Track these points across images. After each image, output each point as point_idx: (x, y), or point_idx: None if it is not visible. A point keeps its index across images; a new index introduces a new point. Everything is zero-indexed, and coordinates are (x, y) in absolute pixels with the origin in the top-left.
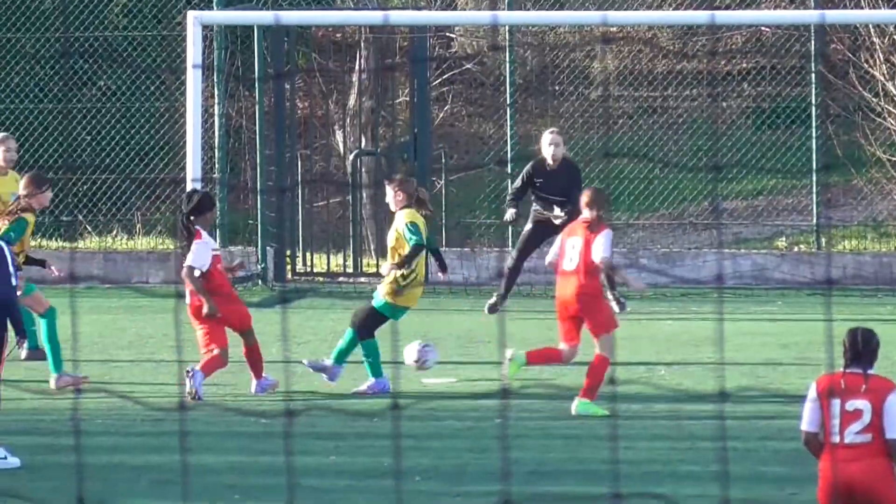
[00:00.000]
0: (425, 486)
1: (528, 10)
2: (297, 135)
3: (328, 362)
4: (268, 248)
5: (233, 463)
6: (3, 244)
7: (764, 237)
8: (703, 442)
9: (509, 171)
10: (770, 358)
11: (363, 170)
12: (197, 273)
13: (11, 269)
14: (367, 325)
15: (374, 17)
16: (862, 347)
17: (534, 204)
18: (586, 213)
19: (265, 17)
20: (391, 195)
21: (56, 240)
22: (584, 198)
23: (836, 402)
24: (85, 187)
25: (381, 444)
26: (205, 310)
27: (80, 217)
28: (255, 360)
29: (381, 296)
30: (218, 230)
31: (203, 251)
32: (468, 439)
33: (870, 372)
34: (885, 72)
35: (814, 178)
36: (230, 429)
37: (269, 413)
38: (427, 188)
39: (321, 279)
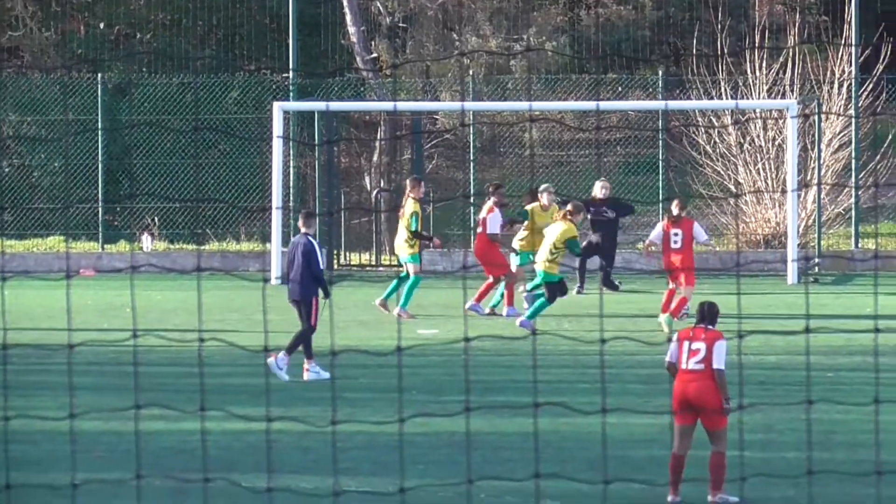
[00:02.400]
0: (419, 398)
1: (483, 100)
2: (341, 178)
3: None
4: (323, 250)
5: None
6: (316, 244)
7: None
8: (591, 370)
9: (471, 201)
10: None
11: (381, 201)
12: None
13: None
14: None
15: (387, 106)
16: (706, 312)
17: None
18: (676, 211)
19: (321, 105)
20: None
21: (190, 243)
22: (676, 202)
23: (686, 344)
24: (208, 211)
25: (392, 371)
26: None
27: (207, 230)
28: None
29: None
30: (291, 237)
31: None
32: (444, 367)
33: (709, 327)
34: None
35: (660, 208)
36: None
37: (320, 352)
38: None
39: (355, 269)
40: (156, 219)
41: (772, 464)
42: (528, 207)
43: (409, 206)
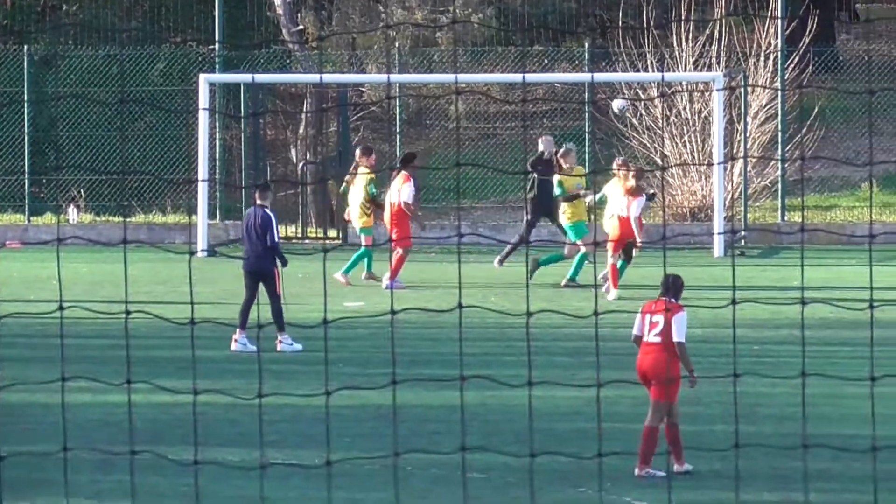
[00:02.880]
0: (345, 370)
1: (410, 73)
2: (267, 151)
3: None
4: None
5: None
6: (272, 216)
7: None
8: (518, 343)
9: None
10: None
11: (307, 173)
12: None
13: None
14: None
15: (313, 78)
16: (671, 284)
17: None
18: (632, 182)
19: (247, 78)
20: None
21: (116, 216)
22: (632, 173)
23: (648, 317)
24: (135, 184)
25: (317, 343)
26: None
27: (133, 202)
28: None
29: None
30: (218, 211)
31: None
32: (371, 340)
33: (672, 300)
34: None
35: (587, 181)
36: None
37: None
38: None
39: (281, 241)
40: (82, 191)
41: (699, 437)
42: (558, 179)
43: (364, 175)
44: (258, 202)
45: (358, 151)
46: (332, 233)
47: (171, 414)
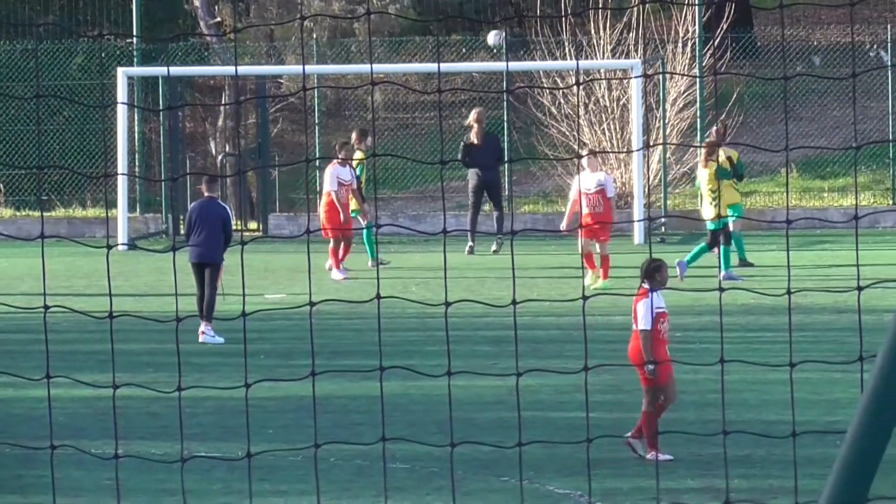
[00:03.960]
0: (267, 362)
1: (327, 64)
2: (186, 143)
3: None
4: (168, 215)
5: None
6: (229, 208)
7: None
8: (439, 332)
9: (317, 165)
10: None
11: (227, 165)
12: None
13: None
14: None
15: (230, 70)
16: (642, 269)
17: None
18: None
19: (163, 70)
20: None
21: (36, 210)
22: (588, 160)
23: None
24: (54, 178)
25: (238, 335)
26: None
27: (52, 196)
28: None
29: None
30: (138, 204)
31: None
32: (292, 332)
33: (644, 285)
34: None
35: (506, 169)
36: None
37: (227, 314)
38: (266, 175)
39: None
40: (1, 186)
41: (621, 424)
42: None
43: (357, 156)
44: (207, 194)
45: (354, 134)
46: (253, 225)
47: (93, 408)
